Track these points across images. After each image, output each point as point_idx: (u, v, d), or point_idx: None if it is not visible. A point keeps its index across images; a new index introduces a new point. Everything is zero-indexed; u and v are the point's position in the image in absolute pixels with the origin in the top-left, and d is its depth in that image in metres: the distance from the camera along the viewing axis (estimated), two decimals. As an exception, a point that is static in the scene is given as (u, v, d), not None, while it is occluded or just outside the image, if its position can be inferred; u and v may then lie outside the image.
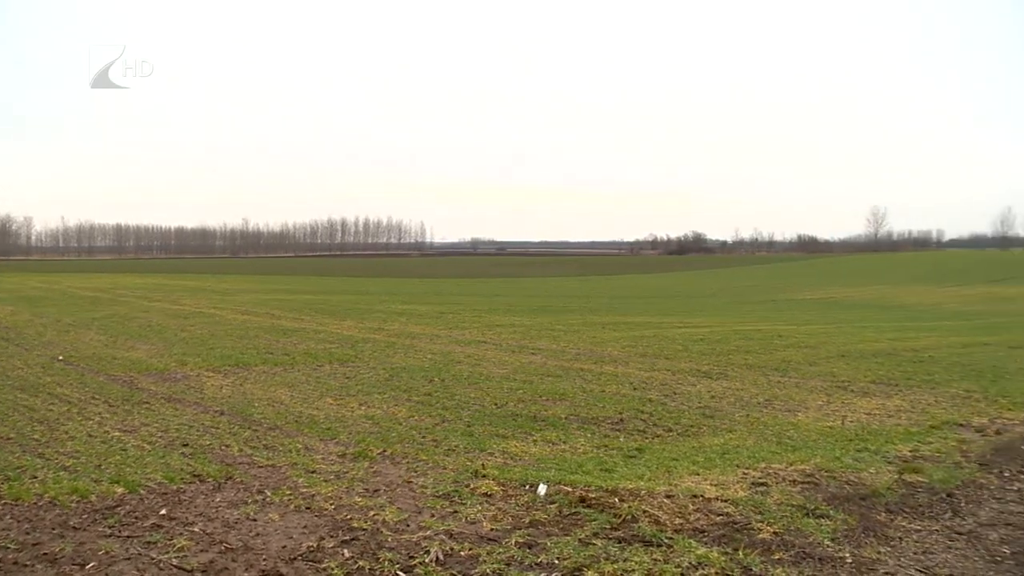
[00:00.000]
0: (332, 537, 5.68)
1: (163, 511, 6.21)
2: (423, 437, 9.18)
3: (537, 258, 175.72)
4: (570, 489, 6.68)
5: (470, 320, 26.88)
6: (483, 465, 7.68)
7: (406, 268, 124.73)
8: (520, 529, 5.84)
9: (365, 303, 36.28)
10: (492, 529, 5.85)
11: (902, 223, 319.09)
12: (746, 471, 7.60)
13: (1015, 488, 7.50)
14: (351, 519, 6.04)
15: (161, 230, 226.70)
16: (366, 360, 15.77)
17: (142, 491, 6.70)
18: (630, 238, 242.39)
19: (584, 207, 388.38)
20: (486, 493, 6.73)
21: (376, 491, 6.84)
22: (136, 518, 6.04)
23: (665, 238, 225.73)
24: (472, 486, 6.95)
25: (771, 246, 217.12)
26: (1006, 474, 7.95)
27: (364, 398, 11.69)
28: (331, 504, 6.40)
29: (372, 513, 6.18)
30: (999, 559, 5.69)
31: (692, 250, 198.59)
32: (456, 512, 6.25)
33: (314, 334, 20.89)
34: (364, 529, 5.82)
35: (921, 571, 5.37)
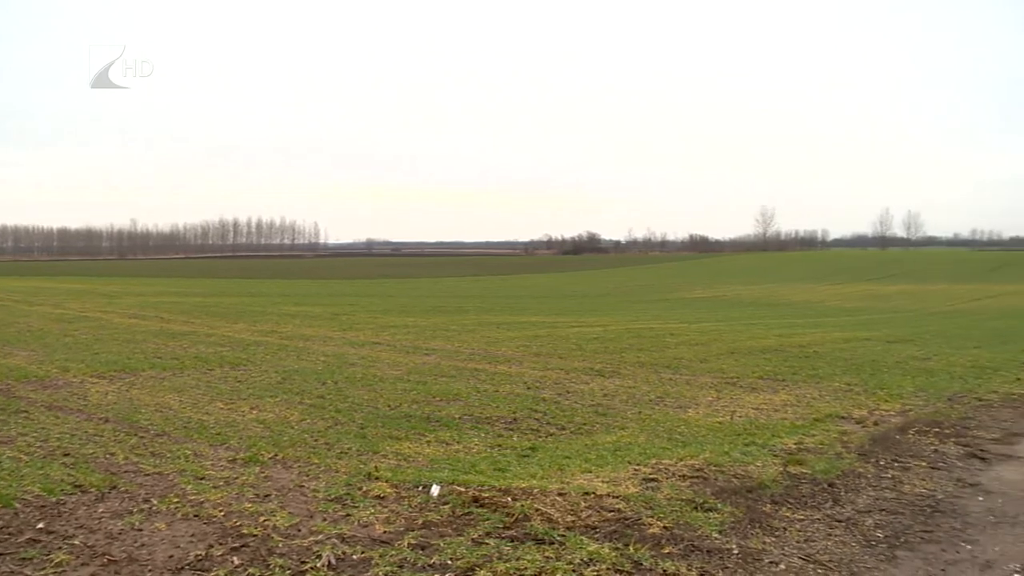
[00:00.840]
0: (221, 545, 5.56)
1: (40, 525, 5.96)
2: (315, 440, 9.06)
3: (432, 259, 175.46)
4: (463, 489, 6.68)
5: (364, 321, 26.68)
6: (376, 467, 7.62)
7: (300, 269, 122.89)
8: (413, 531, 5.82)
9: (258, 305, 35.65)
10: (385, 531, 5.81)
11: (790, 223, 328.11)
12: (637, 467, 7.73)
13: (889, 476, 7.84)
14: (241, 525, 5.92)
15: (43, 231, 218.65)
16: (258, 363, 15.49)
17: (17, 505, 6.40)
18: (525, 238, 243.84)
19: (479, 208, 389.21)
20: (379, 495, 6.69)
21: (267, 496, 6.72)
22: (10, 534, 5.77)
23: (560, 238, 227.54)
24: (365, 489, 6.89)
25: (663, 246, 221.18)
26: (882, 463, 8.30)
27: (256, 402, 11.48)
28: (220, 511, 6.26)
29: (263, 519, 6.07)
30: (874, 543, 5.95)
31: (586, 250, 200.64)
32: (348, 515, 6.19)
33: (205, 337, 20.41)
34: (254, 535, 5.72)
35: (803, 558, 5.56)
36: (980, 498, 7.31)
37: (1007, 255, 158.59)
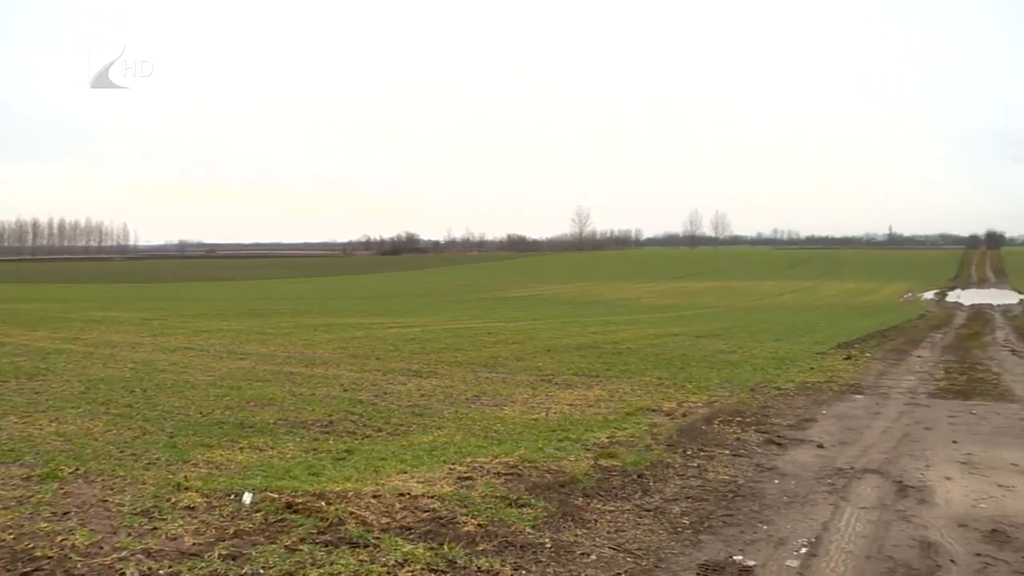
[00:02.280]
0: (9, 571, 5.23)
1: None
2: (121, 452, 8.64)
3: (249, 260, 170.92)
4: (277, 495, 6.54)
5: (176, 326, 25.70)
6: (186, 477, 7.35)
7: (108, 272, 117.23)
8: (224, 541, 5.65)
9: (60, 311, 33.73)
10: (194, 543, 5.61)
11: (605, 223, 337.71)
12: (453, 466, 7.77)
13: (695, 465, 8.23)
14: (34, 547, 5.57)
15: None
16: (59, 373, 14.64)
17: None
18: (343, 239, 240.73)
19: (297, 209, 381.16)
20: (188, 506, 6.45)
21: (66, 514, 6.36)
22: None
23: (379, 239, 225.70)
24: (173, 500, 6.63)
25: (482, 245, 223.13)
26: (688, 453, 8.70)
27: (55, 414, 10.84)
28: (10, 533, 5.87)
29: (60, 538, 5.73)
30: (680, 529, 6.24)
31: (406, 250, 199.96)
32: (156, 529, 5.94)
33: (-2, 347, 19.16)
34: (49, 557, 5.40)
35: (613, 548, 5.74)
36: (776, 481, 7.78)
37: (804, 253, 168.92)
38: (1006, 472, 8.36)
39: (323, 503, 6.32)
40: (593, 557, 5.57)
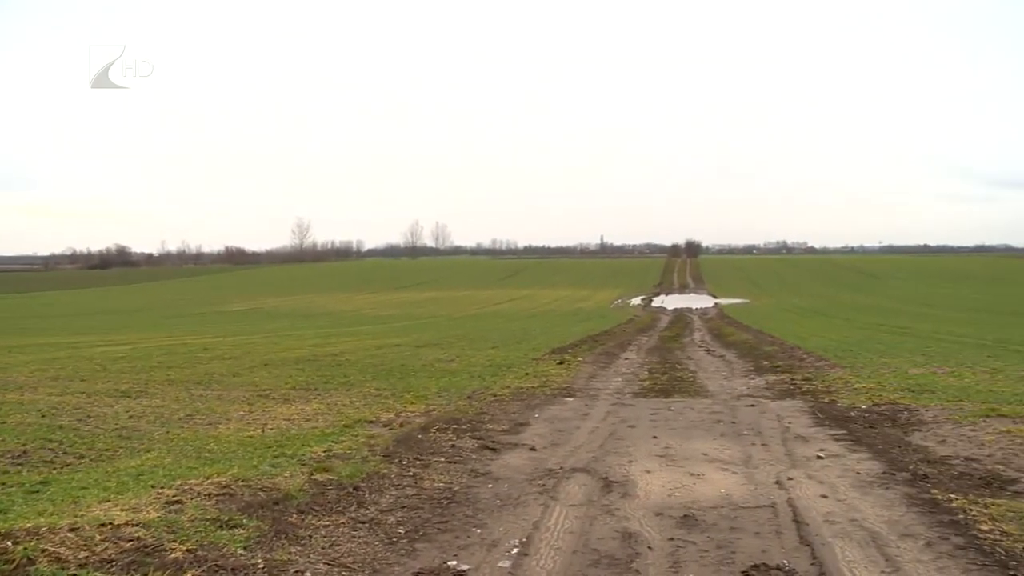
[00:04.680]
0: None
1: None
2: None
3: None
4: (-49, 541, 5.96)
5: None
6: None
7: None
8: None
9: None
10: None
11: (326, 234, 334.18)
12: (161, 491, 7.39)
13: (411, 474, 8.32)
14: None
15: None
16: None
17: None
18: (45, 252, 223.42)
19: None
20: None
21: None
22: None
23: (86, 251, 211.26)
24: None
25: (199, 258, 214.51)
26: (404, 462, 8.76)
27: None
28: None
29: None
30: (395, 539, 6.30)
31: (116, 264, 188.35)
32: None
33: None
34: None
35: (328, 563, 5.70)
36: (490, 485, 8.02)
37: (521, 262, 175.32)
38: (697, 461, 9.07)
39: (9, 543, 5.81)
40: (308, 574, 5.50)
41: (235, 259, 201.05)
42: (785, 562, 5.79)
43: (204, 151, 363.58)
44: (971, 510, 6.95)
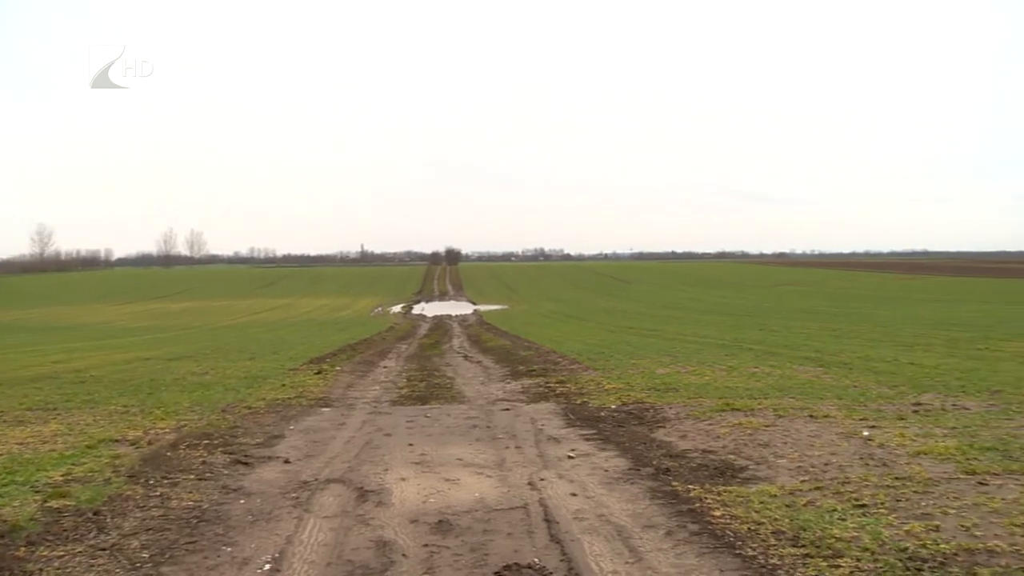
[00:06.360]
0: None
1: None
2: None
3: None
4: None
5: None
6: None
7: None
8: None
9: None
10: None
11: (71, 242, 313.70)
12: None
13: (158, 494, 7.96)
14: None
15: None
16: None
17: None
18: None
19: None
20: None
21: None
22: None
23: None
24: None
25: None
26: (151, 482, 8.38)
27: None
28: None
29: None
30: (139, 564, 5.99)
31: None
32: None
33: None
34: None
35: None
36: (242, 501, 7.81)
37: (281, 271, 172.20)
38: (452, 467, 9.22)
39: None
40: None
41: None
42: (536, 560, 6.00)
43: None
44: (706, 499, 7.50)
